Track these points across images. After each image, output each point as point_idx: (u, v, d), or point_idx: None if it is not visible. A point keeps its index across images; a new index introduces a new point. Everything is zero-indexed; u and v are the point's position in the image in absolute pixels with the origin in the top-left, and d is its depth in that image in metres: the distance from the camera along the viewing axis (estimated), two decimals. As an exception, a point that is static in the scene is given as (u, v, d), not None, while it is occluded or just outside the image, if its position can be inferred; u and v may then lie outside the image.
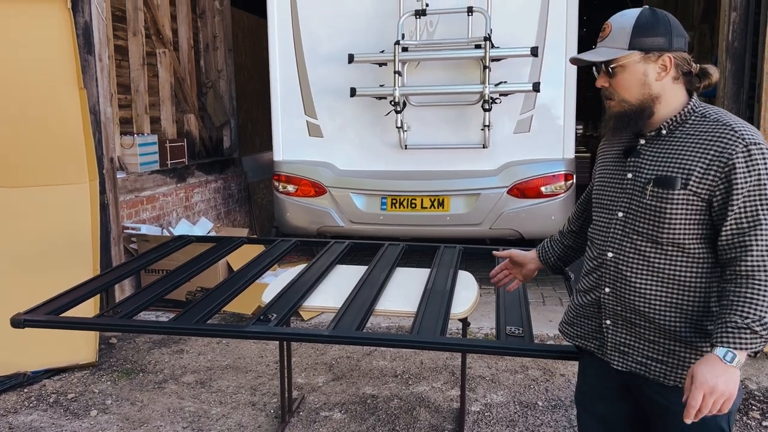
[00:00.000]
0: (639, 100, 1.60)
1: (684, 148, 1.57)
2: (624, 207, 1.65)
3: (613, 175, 1.71)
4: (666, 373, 1.61)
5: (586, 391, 1.85)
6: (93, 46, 4.42)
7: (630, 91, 1.60)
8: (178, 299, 4.75)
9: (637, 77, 1.59)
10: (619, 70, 1.59)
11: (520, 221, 5.08)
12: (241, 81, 8.46)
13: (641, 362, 1.64)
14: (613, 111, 1.65)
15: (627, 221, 1.64)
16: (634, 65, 1.59)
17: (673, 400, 1.60)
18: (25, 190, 3.84)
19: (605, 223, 1.70)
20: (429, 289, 2.63)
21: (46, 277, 3.65)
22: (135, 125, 6.02)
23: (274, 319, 2.31)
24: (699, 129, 1.57)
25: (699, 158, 1.53)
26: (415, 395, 3.60)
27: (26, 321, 2.31)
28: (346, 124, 5.29)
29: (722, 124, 1.54)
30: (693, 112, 1.61)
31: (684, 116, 1.61)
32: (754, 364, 3.91)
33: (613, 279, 1.66)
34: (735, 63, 3.96)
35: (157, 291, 2.64)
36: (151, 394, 3.67)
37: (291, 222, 5.47)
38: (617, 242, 1.66)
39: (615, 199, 1.68)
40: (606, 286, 1.68)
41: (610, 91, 1.63)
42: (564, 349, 1.98)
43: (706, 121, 1.58)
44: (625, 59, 1.58)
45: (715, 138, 1.53)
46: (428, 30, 5.05)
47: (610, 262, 1.67)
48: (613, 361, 1.69)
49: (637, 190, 1.62)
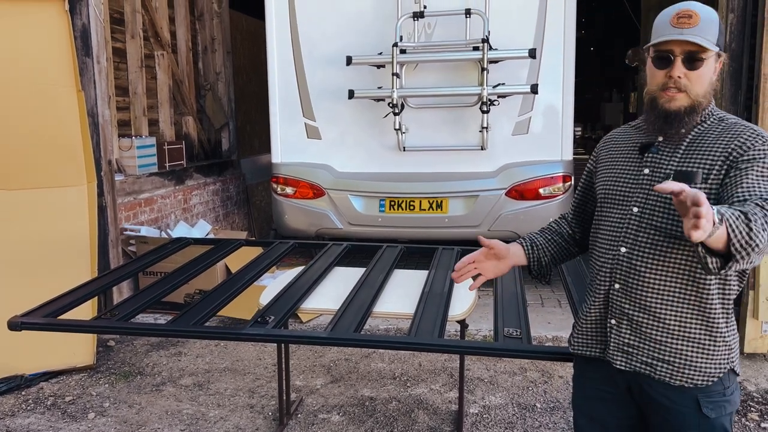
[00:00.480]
0: (704, 97, 1.59)
1: (705, 145, 1.58)
2: (640, 202, 1.63)
3: (625, 171, 1.69)
4: (672, 373, 1.60)
5: (586, 394, 1.82)
6: (91, 48, 4.42)
7: (703, 85, 1.58)
8: (176, 301, 4.75)
9: (710, 74, 1.59)
10: (703, 64, 1.55)
11: (518, 223, 5.08)
12: (239, 83, 8.47)
13: (647, 362, 1.63)
14: (678, 105, 1.58)
15: (643, 216, 1.62)
16: (712, 62, 1.58)
17: (677, 401, 1.60)
18: (23, 192, 3.83)
19: (618, 219, 1.67)
20: (427, 291, 2.63)
21: (43, 279, 3.64)
22: (133, 127, 6.02)
23: (272, 321, 2.31)
24: (718, 129, 1.60)
25: (720, 153, 1.55)
26: (413, 397, 3.59)
27: (23, 324, 2.30)
28: (345, 126, 5.29)
29: (742, 125, 1.58)
30: (711, 115, 1.63)
31: (703, 117, 1.62)
32: (753, 366, 3.91)
33: (625, 275, 1.64)
34: (732, 64, 3.97)
35: (155, 293, 2.64)
36: (149, 397, 3.66)
37: (289, 224, 5.47)
38: (632, 237, 1.63)
39: (629, 194, 1.66)
40: (616, 282, 1.66)
41: (684, 83, 1.56)
42: (562, 351, 1.98)
43: (725, 124, 1.60)
44: (712, 54, 1.56)
45: (735, 136, 1.56)
46: (426, 32, 5.06)
47: (623, 257, 1.64)
48: (616, 362, 1.67)
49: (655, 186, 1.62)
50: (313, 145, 5.35)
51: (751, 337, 4.00)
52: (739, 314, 4.07)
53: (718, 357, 1.59)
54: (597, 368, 1.75)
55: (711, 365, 1.58)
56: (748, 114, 3.96)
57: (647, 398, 1.66)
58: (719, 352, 1.59)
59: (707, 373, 1.59)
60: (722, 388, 1.60)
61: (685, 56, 1.55)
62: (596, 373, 1.76)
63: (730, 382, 1.62)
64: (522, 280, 2.78)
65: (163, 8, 6.43)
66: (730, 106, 3.99)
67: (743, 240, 1.31)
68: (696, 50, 1.54)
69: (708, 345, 1.58)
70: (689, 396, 1.60)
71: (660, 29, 1.58)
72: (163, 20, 6.41)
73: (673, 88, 1.57)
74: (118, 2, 5.75)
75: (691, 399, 1.60)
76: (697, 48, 1.54)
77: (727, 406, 1.62)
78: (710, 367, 1.58)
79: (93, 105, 4.45)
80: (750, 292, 3.96)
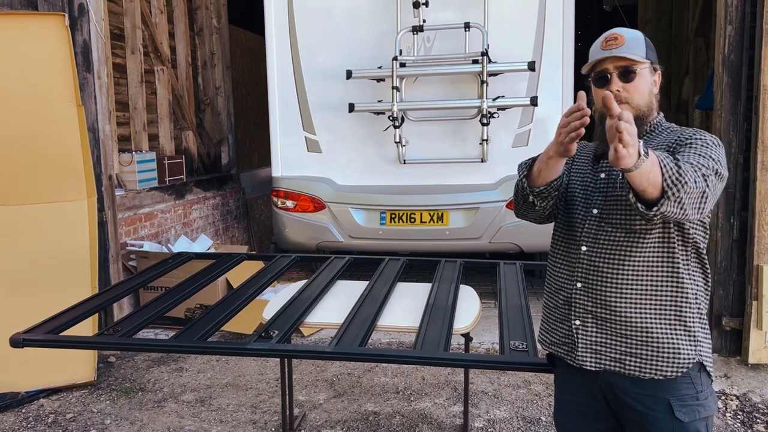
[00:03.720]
0: (647, 107, 1.72)
1: (651, 145, 1.68)
2: (599, 204, 1.72)
3: (585, 177, 1.79)
4: (641, 365, 1.65)
5: (565, 409, 1.85)
6: (92, 63, 4.43)
7: (643, 96, 1.71)
8: (177, 316, 4.72)
9: (648, 85, 1.72)
10: (637, 76, 1.68)
11: (519, 235, 5.07)
12: (239, 97, 8.49)
13: (616, 359, 1.68)
14: None
15: (602, 216, 1.71)
16: (647, 74, 1.71)
17: (651, 406, 1.65)
18: (24, 207, 3.82)
19: (579, 220, 1.75)
20: (431, 304, 2.61)
21: (43, 294, 3.62)
22: (133, 142, 6.02)
23: (276, 335, 2.30)
24: (664, 134, 1.74)
25: (664, 148, 1.67)
26: (417, 412, 3.57)
27: (25, 340, 2.29)
28: (345, 139, 5.29)
29: (684, 128, 1.73)
30: (659, 125, 1.76)
31: (652, 128, 1.75)
32: (758, 377, 3.89)
33: (585, 273, 1.71)
34: (732, 76, 3.98)
35: (156, 309, 2.63)
36: (150, 413, 3.63)
37: (290, 237, 5.45)
38: (592, 236, 1.71)
39: (589, 198, 1.75)
40: (578, 281, 1.73)
41: (624, 95, 1.68)
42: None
43: (670, 130, 1.75)
44: (644, 66, 1.69)
45: (678, 134, 1.70)
46: (426, 45, 5.08)
47: (584, 256, 1.72)
48: (585, 363, 1.72)
49: (611, 187, 1.71)
50: (314, 159, 5.35)
51: (754, 348, 3.98)
52: (742, 325, 4.06)
53: (685, 347, 1.64)
54: (575, 381, 1.79)
55: (678, 355, 1.63)
56: (748, 125, 3.97)
57: (622, 406, 1.71)
58: (685, 342, 1.64)
59: (675, 363, 1.63)
60: (695, 391, 1.65)
61: (620, 71, 1.69)
62: (576, 387, 1.79)
63: (702, 386, 1.66)
64: (526, 292, 2.77)
65: (162, 24, 6.46)
66: (729, 117, 4.00)
67: (673, 176, 1.42)
68: (627, 64, 1.68)
69: (673, 335, 1.64)
70: (661, 399, 1.65)
71: (593, 55, 1.73)
72: (162, 36, 6.44)
73: (617, 101, 1.67)
74: (119, 18, 5.77)
75: (664, 403, 1.64)
76: (628, 62, 1.68)
77: (701, 410, 1.65)
78: (677, 356, 1.63)
79: (93, 120, 4.45)
80: (753, 303, 3.95)
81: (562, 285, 1.77)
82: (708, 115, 6.41)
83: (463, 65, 4.90)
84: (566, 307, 1.76)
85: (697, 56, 7.36)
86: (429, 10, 4.95)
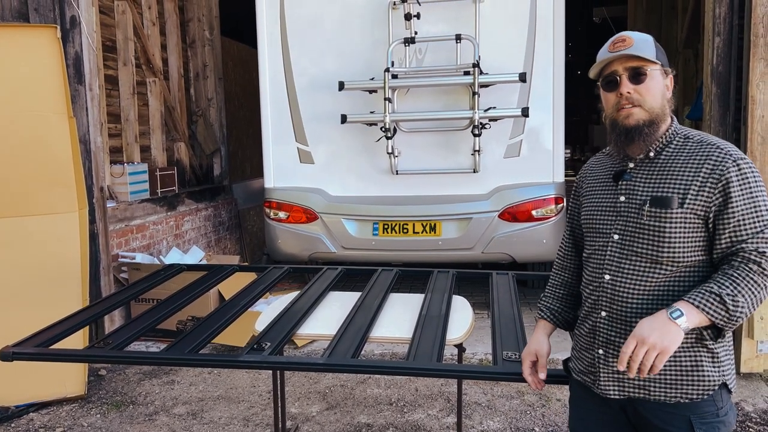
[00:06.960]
0: (660, 110, 1.63)
1: (675, 169, 1.61)
2: (620, 229, 1.66)
3: (603, 200, 1.72)
4: (666, 390, 1.61)
5: (581, 416, 1.82)
6: (83, 75, 4.43)
7: (655, 98, 1.62)
8: (168, 329, 4.69)
9: (660, 88, 1.63)
10: (648, 77, 1.61)
11: (511, 245, 5.08)
12: (231, 109, 8.49)
13: (640, 386, 1.63)
14: (635, 119, 1.61)
15: (624, 243, 1.65)
16: (658, 76, 1.63)
17: (671, 422, 1.60)
18: (14, 219, 3.80)
19: (600, 247, 1.70)
20: (424, 314, 2.60)
21: (34, 306, 3.59)
22: (125, 154, 6.01)
23: (268, 347, 2.28)
24: (686, 150, 1.63)
25: (692, 177, 1.58)
26: (410, 423, 3.55)
27: (15, 354, 2.26)
28: (337, 150, 5.30)
29: (708, 144, 1.61)
30: (676, 134, 1.66)
31: (669, 138, 1.65)
32: (749, 386, 3.90)
33: (609, 302, 1.66)
34: (720, 87, 4.02)
35: (148, 321, 2.60)
36: (141, 427, 3.59)
37: (282, 249, 5.44)
38: (615, 264, 1.65)
39: (609, 222, 1.69)
40: (602, 310, 1.67)
41: (635, 97, 1.61)
42: (561, 374, 1.96)
43: (691, 143, 1.63)
44: (655, 67, 1.62)
45: (704, 157, 1.59)
46: (417, 57, 5.10)
47: (607, 285, 1.66)
48: (609, 392, 1.67)
49: (632, 212, 1.64)
50: (306, 170, 5.35)
51: (746, 356, 3.99)
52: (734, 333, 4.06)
53: (709, 370, 1.60)
54: (591, 391, 1.74)
55: (703, 379, 1.59)
56: (737, 135, 4.01)
57: (642, 420, 1.66)
58: (709, 365, 1.60)
59: (701, 387, 1.59)
60: (715, 409, 1.60)
61: (629, 73, 1.61)
62: (591, 395, 1.76)
63: (723, 402, 1.62)
64: (518, 302, 2.76)
65: (155, 36, 6.46)
66: (718, 128, 4.04)
67: (724, 317, 1.49)
68: (638, 65, 1.60)
69: (698, 361, 1.59)
70: (682, 417, 1.60)
71: (601, 57, 1.66)
72: (155, 47, 6.44)
73: (627, 105, 1.62)
74: (111, 30, 5.77)
75: (684, 420, 1.60)
76: (638, 62, 1.60)
77: (721, 427, 1.61)
78: (702, 380, 1.59)
79: (85, 132, 4.44)
80: (744, 312, 3.96)
81: (588, 313, 1.72)
82: (698, 125, 6.47)
83: (455, 77, 4.92)
84: (591, 335, 1.71)
85: (686, 67, 7.43)
86: (421, 22, 4.98)
